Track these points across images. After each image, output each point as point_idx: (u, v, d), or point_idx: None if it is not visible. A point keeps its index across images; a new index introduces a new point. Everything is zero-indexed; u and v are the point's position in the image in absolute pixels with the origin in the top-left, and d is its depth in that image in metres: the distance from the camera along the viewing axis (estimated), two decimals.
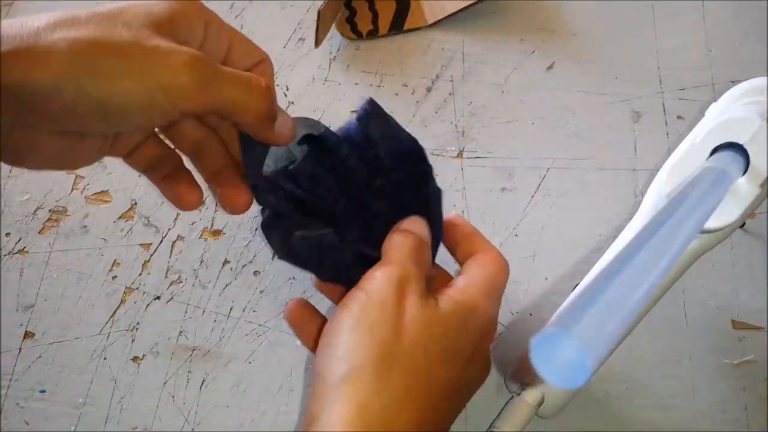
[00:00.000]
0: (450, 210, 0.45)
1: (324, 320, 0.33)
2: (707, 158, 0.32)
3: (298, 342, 0.38)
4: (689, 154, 0.33)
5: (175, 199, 0.33)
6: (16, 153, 0.28)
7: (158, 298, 0.44)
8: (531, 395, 0.36)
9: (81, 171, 0.47)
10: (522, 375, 0.37)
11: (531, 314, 0.43)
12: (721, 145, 0.32)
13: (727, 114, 0.33)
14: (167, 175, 0.33)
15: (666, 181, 0.33)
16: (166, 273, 0.45)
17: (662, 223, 0.26)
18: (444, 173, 0.47)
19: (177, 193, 0.32)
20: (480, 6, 0.51)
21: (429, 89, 0.50)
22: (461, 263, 0.33)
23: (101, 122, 0.27)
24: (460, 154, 0.48)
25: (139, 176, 0.47)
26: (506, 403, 0.36)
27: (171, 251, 0.45)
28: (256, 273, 0.44)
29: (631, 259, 0.24)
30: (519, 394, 0.36)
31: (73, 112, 0.26)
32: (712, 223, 0.31)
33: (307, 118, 0.33)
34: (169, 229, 0.46)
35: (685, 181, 0.31)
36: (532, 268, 0.44)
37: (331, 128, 0.33)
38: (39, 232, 0.46)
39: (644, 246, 0.24)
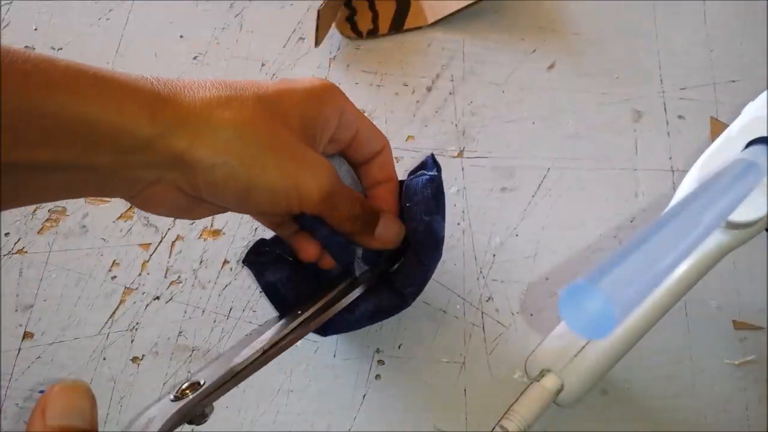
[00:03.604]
0: (450, 210, 0.46)
1: None
2: (740, 152, 0.33)
3: (298, 343, 0.38)
4: (723, 147, 0.33)
5: (298, 251, 0.36)
6: (148, 201, 0.31)
7: (158, 298, 0.44)
8: (550, 381, 0.35)
9: None
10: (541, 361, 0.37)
11: (531, 314, 0.43)
12: (754, 139, 0.33)
13: (763, 111, 0.34)
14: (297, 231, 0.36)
15: (699, 172, 0.33)
16: (166, 273, 0.45)
17: (689, 203, 0.26)
18: (444, 173, 0.47)
19: (299, 247, 0.36)
20: (480, 6, 0.51)
21: (429, 89, 0.50)
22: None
23: (234, 201, 0.31)
24: (460, 154, 0.48)
25: None
26: (525, 388, 0.36)
27: (170, 251, 0.45)
28: None
29: (659, 229, 0.25)
30: (539, 381, 0.36)
31: (215, 187, 0.29)
32: (740, 216, 0.31)
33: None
34: (169, 229, 0.46)
35: (715, 171, 0.31)
36: (533, 268, 0.44)
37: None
38: (38, 232, 0.46)
39: (672, 220, 0.25)
